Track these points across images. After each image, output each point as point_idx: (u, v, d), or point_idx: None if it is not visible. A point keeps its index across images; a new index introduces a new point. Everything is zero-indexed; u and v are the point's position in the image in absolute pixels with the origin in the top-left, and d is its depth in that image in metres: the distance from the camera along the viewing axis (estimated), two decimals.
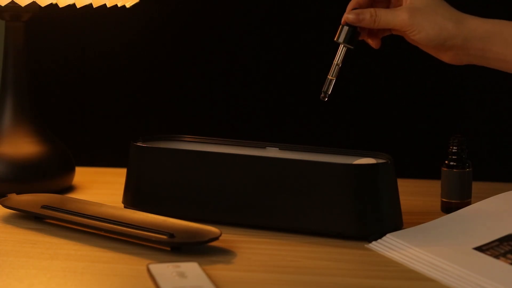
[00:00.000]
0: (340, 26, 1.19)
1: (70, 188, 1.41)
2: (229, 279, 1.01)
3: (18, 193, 1.27)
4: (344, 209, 1.14)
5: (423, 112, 1.62)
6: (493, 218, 1.16)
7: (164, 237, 1.09)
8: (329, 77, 1.20)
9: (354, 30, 1.19)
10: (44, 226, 1.20)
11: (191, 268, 1.01)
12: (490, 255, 1.05)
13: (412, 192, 1.40)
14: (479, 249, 1.07)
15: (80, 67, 1.65)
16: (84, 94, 1.65)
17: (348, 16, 1.18)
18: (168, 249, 1.10)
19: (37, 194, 1.27)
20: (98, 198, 1.27)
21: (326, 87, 1.20)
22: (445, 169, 1.27)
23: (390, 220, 1.16)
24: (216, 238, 1.09)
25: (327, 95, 1.20)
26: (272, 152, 1.26)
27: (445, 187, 1.28)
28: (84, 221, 1.16)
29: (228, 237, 1.14)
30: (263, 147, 1.27)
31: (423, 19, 1.14)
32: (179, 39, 1.63)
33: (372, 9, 1.17)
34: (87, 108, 1.66)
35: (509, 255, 1.05)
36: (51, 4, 1.30)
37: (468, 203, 1.26)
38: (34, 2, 1.28)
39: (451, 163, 1.27)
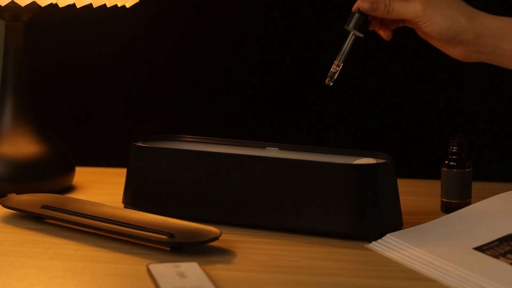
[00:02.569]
0: (352, 13, 1.18)
1: (70, 188, 1.41)
2: (229, 279, 1.01)
3: (18, 193, 1.27)
4: (344, 209, 1.14)
5: (423, 112, 1.62)
6: (493, 218, 1.16)
7: (164, 237, 1.09)
8: (336, 62, 1.20)
9: (366, 18, 1.18)
10: (44, 226, 1.20)
11: (191, 268, 1.01)
12: (490, 255, 1.05)
13: (412, 192, 1.40)
14: (479, 249, 1.07)
15: (80, 67, 1.65)
16: (84, 94, 1.65)
17: (363, 4, 1.17)
18: (168, 249, 1.10)
19: (37, 194, 1.27)
20: (98, 198, 1.27)
21: (332, 73, 1.20)
22: (445, 169, 1.27)
23: (390, 220, 1.16)
24: (216, 238, 1.09)
25: (333, 81, 1.20)
26: (272, 152, 1.26)
27: (445, 187, 1.28)
28: (84, 221, 1.16)
29: (228, 237, 1.14)
30: (263, 147, 1.27)
31: (436, 12, 1.15)
32: (179, 39, 1.63)
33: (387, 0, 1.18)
34: (87, 108, 1.66)
35: (509, 255, 1.05)
36: (51, 4, 1.30)
37: (468, 203, 1.26)
38: (34, 2, 1.28)
39: (451, 163, 1.27)
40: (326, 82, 1.20)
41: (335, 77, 1.20)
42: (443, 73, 1.60)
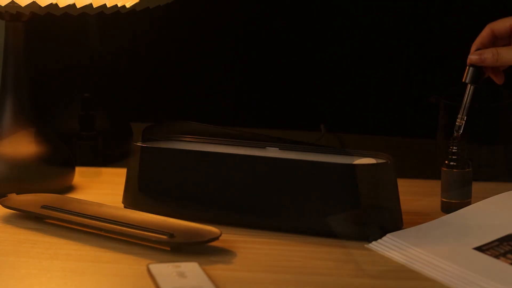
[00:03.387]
0: (467, 67, 1.24)
1: (70, 188, 1.41)
2: (229, 279, 1.01)
3: (18, 193, 1.27)
4: (344, 209, 1.14)
5: (423, 112, 1.62)
6: (493, 218, 1.16)
7: (164, 237, 1.09)
8: (460, 116, 1.25)
9: (479, 70, 1.24)
10: (44, 226, 1.20)
11: (191, 268, 1.01)
12: (490, 255, 1.05)
13: (412, 192, 1.40)
14: (479, 249, 1.07)
15: (80, 67, 1.64)
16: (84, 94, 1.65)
17: (471, 57, 1.22)
18: (168, 249, 1.10)
19: (37, 194, 1.27)
20: (98, 198, 1.27)
21: (457, 127, 1.25)
22: (445, 169, 1.27)
23: (390, 220, 1.16)
24: (216, 238, 1.09)
25: (460, 133, 1.25)
26: (272, 152, 1.26)
27: (445, 187, 1.28)
28: (84, 221, 1.16)
29: (228, 237, 1.13)
30: (263, 147, 1.27)
31: None
32: (179, 39, 1.63)
33: (493, 49, 1.21)
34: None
35: (509, 255, 1.05)
36: (51, 4, 1.30)
37: (468, 203, 1.26)
38: (34, 2, 1.28)
39: (451, 163, 1.27)
40: (454, 136, 1.25)
41: (461, 130, 1.25)
42: (444, 73, 1.60)
